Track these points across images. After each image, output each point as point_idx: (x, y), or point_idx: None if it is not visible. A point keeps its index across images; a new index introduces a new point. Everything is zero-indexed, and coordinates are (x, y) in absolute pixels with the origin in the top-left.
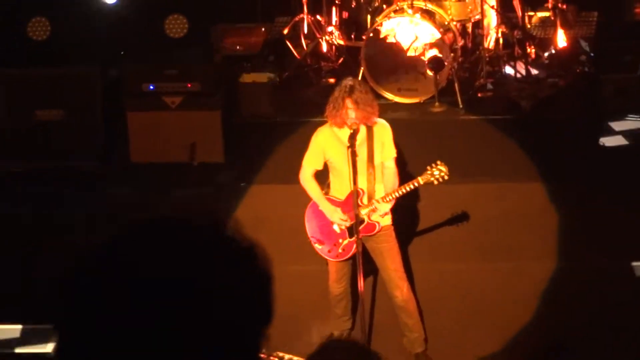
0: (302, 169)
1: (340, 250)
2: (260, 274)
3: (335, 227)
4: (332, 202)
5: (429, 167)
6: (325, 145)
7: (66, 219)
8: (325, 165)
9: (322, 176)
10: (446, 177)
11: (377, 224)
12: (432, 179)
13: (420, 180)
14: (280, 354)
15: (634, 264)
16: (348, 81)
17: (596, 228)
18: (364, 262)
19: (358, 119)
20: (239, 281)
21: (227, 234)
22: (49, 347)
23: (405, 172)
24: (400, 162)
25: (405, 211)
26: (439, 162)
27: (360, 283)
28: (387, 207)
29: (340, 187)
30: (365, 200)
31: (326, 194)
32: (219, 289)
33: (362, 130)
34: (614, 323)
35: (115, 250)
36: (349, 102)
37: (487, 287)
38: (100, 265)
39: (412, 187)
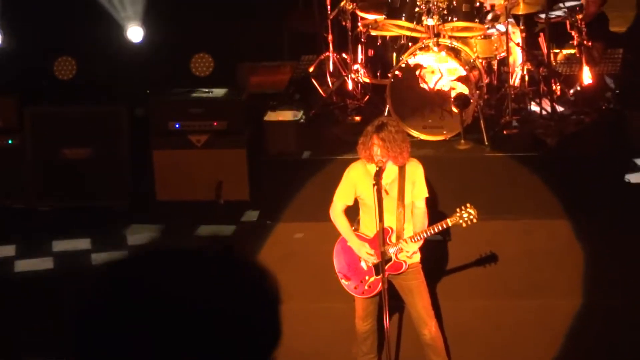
0: (332, 204)
1: (366, 287)
2: (267, 297)
3: (363, 264)
4: (361, 238)
5: (458, 209)
6: (357, 181)
7: (93, 257)
8: (356, 202)
9: (352, 213)
10: (475, 220)
11: (404, 263)
12: (461, 221)
13: (449, 221)
14: None
15: None
16: (382, 119)
17: (623, 265)
18: (391, 299)
19: (384, 157)
20: (246, 303)
21: (235, 260)
22: None
23: (431, 209)
24: (428, 200)
25: (432, 248)
26: (468, 205)
27: (386, 321)
28: (415, 247)
29: (369, 224)
30: (393, 239)
31: (355, 230)
32: (227, 312)
33: (394, 169)
34: None
35: (126, 278)
36: (375, 139)
37: (514, 324)
38: (109, 297)
39: (440, 228)
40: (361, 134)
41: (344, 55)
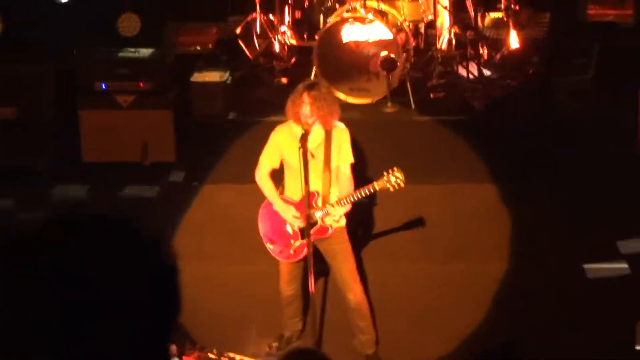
0: (258, 166)
1: (291, 252)
2: (166, 267)
3: (288, 228)
4: (287, 202)
5: (385, 173)
6: (283, 144)
7: (16, 218)
8: (281, 166)
9: (278, 176)
10: (402, 185)
11: (330, 227)
12: (388, 185)
13: (376, 185)
14: (232, 355)
15: (586, 265)
16: (312, 81)
17: (547, 229)
18: (316, 264)
19: (312, 115)
20: (145, 273)
21: (133, 229)
22: None
23: (359, 174)
24: (354, 165)
25: (359, 211)
26: (395, 169)
27: (311, 284)
28: (341, 210)
29: (295, 187)
30: (319, 203)
31: (281, 193)
32: (125, 282)
33: (320, 132)
34: (565, 324)
35: (28, 245)
36: (305, 97)
37: (440, 288)
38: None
39: (367, 192)
40: (291, 93)
41: (271, 16)
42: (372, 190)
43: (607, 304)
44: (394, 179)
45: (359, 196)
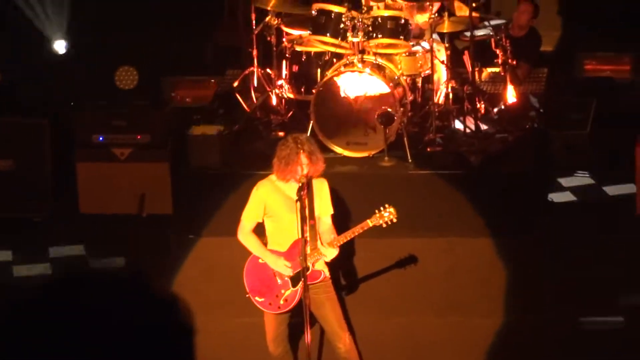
0: (241, 224)
1: (281, 302)
2: (181, 326)
3: (278, 279)
4: (275, 253)
5: (377, 210)
6: (267, 198)
7: (13, 269)
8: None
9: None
10: (394, 220)
11: (322, 272)
12: (381, 221)
13: (370, 222)
14: None
15: (583, 319)
16: (298, 136)
17: (544, 283)
18: (299, 316)
19: (309, 173)
20: (160, 332)
21: (149, 287)
22: None
23: (353, 225)
24: (348, 216)
25: (353, 263)
26: (387, 205)
27: (307, 334)
28: (334, 252)
29: (281, 239)
30: (308, 250)
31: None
32: (141, 340)
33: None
34: None
35: (41, 301)
36: (303, 157)
37: (434, 341)
38: (22, 320)
39: (360, 230)
40: (279, 152)
41: (268, 70)
42: (365, 228)
43: (603, 358)
44: (387, 214)
45: (353, 235)
